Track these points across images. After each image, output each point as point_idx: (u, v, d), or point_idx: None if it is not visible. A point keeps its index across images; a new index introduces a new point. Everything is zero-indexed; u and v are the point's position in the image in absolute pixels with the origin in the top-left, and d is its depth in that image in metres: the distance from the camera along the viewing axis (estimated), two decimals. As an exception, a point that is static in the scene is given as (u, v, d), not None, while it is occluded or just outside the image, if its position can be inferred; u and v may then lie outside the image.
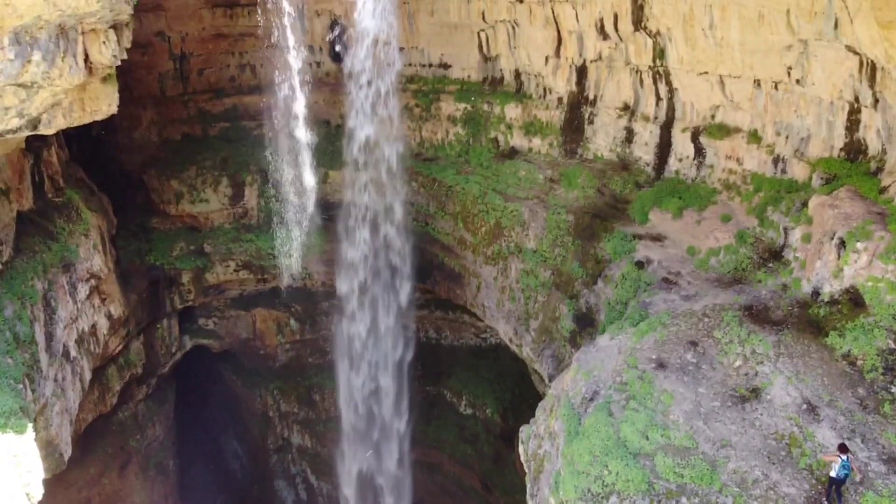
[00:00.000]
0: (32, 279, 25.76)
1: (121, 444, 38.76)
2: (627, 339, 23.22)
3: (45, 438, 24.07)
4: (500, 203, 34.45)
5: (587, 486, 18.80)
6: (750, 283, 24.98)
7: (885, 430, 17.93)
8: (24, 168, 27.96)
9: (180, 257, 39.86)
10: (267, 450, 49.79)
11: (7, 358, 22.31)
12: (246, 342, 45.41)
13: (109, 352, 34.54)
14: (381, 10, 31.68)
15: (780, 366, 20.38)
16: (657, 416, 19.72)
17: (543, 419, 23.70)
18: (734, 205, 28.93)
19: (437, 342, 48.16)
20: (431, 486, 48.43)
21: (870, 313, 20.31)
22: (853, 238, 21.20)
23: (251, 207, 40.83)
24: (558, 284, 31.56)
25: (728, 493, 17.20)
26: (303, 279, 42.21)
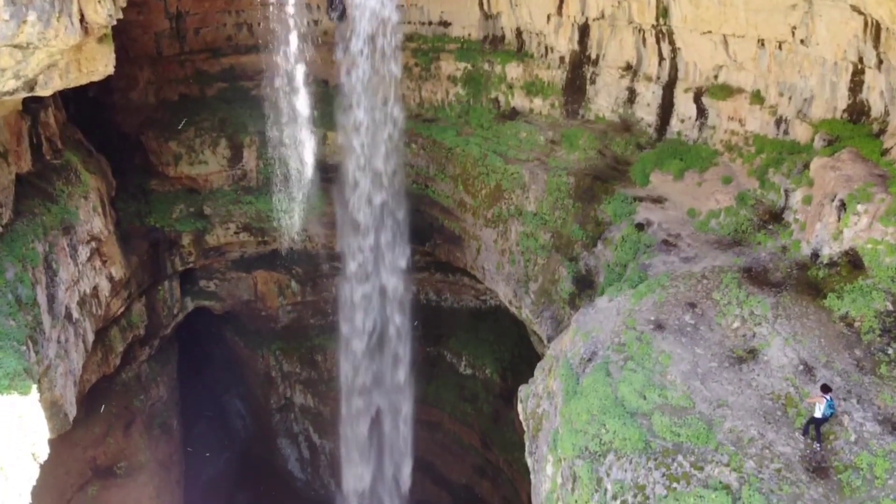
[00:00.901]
0: (33, 242, 25.77)
1: (125, 404, 39.23)
2: (626, 301, 23.35)
3: (49, 399, 24.35)
4: (500, 165, 34.28)
5: (585, 444, 19.10)
6: (750, 245, 25.02)
7: (881, 391, 18.14)
8: (21, 130, 27.77)
9: (180, 219, 39.80)
10: (269, 409, 50.43)
11: (9, 320, 22.43)
12: (247, 304, 45.64)
13: (111, 313, 34.74)
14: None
15: (778, 327, 20.54)
16: (655, 377, 19.94)
17: (542, 379, 23.97)
18: (735, 166, 28.82)
19: (437, 304, 48.42)
20: (432, 444, 49.19)
21: (869, 275, 20.40)
22: (854, 200, 21.17)
23: (250, 169, 40.62)
24: (558, 247, 31.60)
25: (724, 451, 17.47)
26: (303, 241, 42.22)
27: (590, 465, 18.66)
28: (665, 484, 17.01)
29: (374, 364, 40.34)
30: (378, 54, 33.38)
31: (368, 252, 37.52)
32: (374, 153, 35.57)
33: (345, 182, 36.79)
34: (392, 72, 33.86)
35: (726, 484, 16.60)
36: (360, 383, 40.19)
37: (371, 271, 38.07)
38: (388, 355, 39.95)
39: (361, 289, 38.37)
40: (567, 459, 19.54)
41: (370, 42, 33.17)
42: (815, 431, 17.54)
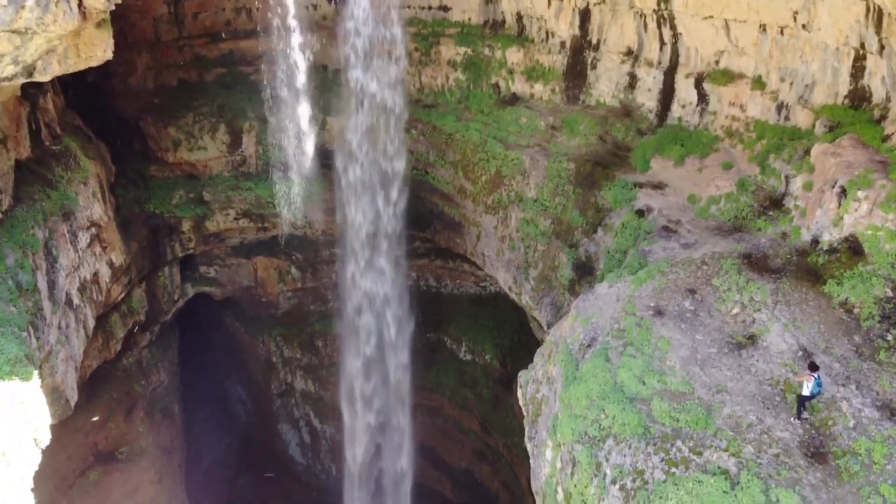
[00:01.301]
0: (33, 228, 25.75)
1: (126, 389, 39.37)
2: (626, 287, 23.38)
3: (50, 385, 24.44)
4: (500, 151, 34.19)
5: (584, 429, 19.20)
6: (750, 232, 25.01)
7: (880, 377, 18.21)
8: (20, 116, 27.68)
9: (180, 205, 39.75)
10: (270, 394, 50.63)
11: (10, 306, 22.45)
12: (248, 290, 45.69)
13: (112, 299, 34.79)
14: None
15: (778, 313, 20.58)
16: (654, 362, 20.00)
17: (542, 364, 24.05)
18: (736, 152, 28.76)
19: (437, 290, 48.48)
20: (432, 429, 49.46)
21: (868, 262, 20.42)
22: (854, 186, 21.15)
23: (249, 155, 40.50)
24: (558, 233, 31.59)
25: (723, 436, 17.56)
26: (303, 227, 42.19)
27: (589, 450, 18.76)
28: (664, 469, 17.11)
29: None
30: (378, 39, 33.23)
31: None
32: (373, 139, 35.47)
33: (344, 168, 36.71)
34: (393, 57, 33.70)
35: (725, 469, 16.70)
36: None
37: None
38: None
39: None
40: (566, 444, 19.64)
41: (369, 25, 33.00)
42: (799, 407, 17.91)
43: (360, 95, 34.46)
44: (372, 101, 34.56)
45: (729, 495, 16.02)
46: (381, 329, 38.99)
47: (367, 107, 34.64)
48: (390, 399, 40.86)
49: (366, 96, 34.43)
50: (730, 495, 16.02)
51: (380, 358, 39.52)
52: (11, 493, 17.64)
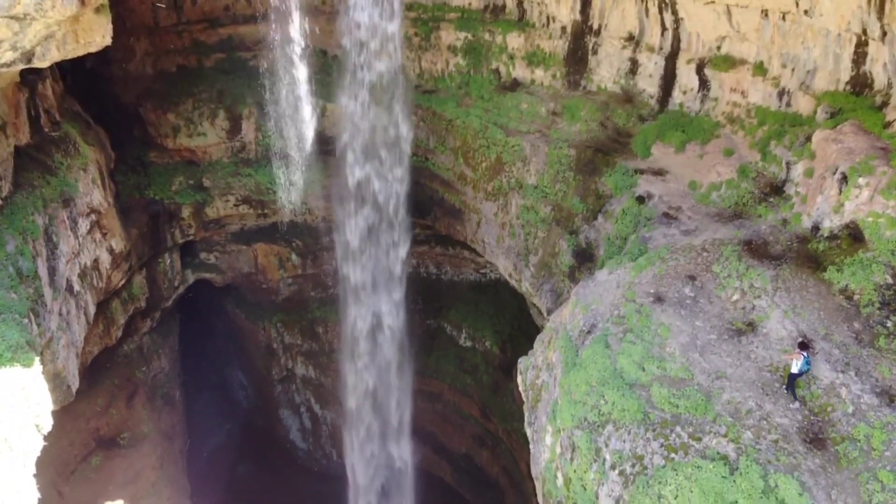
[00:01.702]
0: (33, 214, 25.73)
1: (127, 375, 39.51)
2: (626, 274, 23.39)
3: (52, 371, 24.51)
4: (501, 137, 34.09)
5: (584, 414, 19.27)
6: (750, 218, 24.99)
7: (879, 364, 18.25)
8: (19, 102, 27.58)
9: (180, 191, 39.71)
10: (271, 380, 50.82)
11: (11, 293, 22.48)
12: (248, 276, 45.74)
13: (112, 286, 34.84)
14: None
15: (778, 300, 20.60)
16: (654, 349, 20.05)
17: (542, 351, 24.11)
18: (737, 139, 28.68)
19: (437, 277, 48.55)
20: (432, 415, 49.67)
21: (869, 248, 20.42)
22: (855, 173, 21.11)
23: (249, 141, 40.39)
24: (558, 220, 31.56)
25: (722, 422, 17.64)
26: (303, 214, 42.16)
27: (588, 436, 18.85)
28: (663, 454, 17.20)
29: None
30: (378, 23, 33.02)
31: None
32: (373, 125, 35.35)
33: (344, 155, 36.60)
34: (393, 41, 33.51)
35: (724, 454, 16.78)
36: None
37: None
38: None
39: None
40: (566, 430, 19.72)
41: (370, 8, 32.79)
42: (789, 384, 18.23)
43: (359, 81, 34.32)
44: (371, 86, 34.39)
45: (728, 480, 16.11)
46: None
47: (367, 92, 34.48)
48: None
49: (365, 82, 34.28)
50: (729, 480, 16.11)
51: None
52: (13, 478, 17.72)
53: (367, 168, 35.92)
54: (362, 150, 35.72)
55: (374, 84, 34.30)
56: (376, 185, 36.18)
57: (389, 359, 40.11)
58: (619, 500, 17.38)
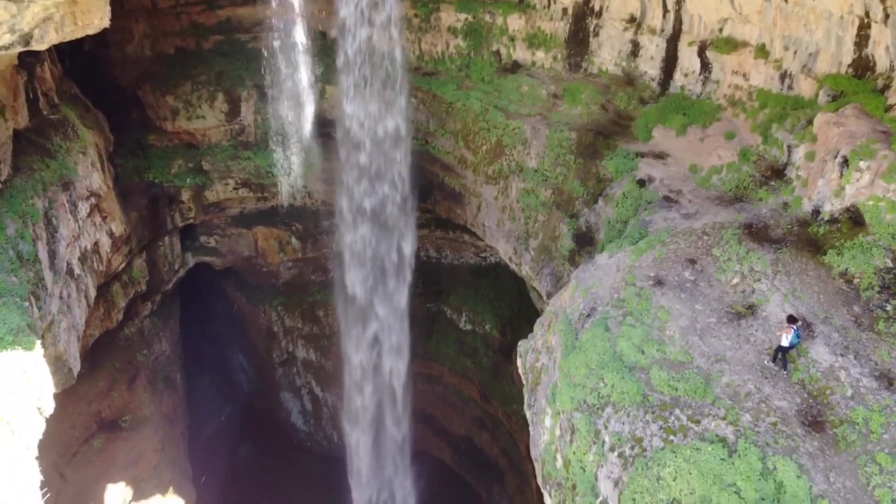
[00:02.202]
0: (32, 197, 25.69)
1: (128, 358, 39.65)
2: (626, 257, 23.39)
3: (53, 354, 24.57)
4: (501, 120, 33.96)
5: (583, 397, 19.35)
6: (751, 202, 24.95)
7: (879, 348, 18.30)
8: (17, 85, 27.45)
9: (179, 175, 39.64)
10: (272, 363, 50.99)
11: (11, 276, 22.48)
12: (248, 260, 45.76)
13: (113, 269, 34.86)
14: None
15: (777, 283, 20.62)
16: (653, 332, 20.09)
17: (541, 334, 24.17)
18: (739, 122, 28.57)
19: (437, 261, 48.57)
20: (432, 397, 49.92)
21: (869, 232, 20.40)
22: (856, 157, 21.04)
23: (248, 124, 40.25)
24: (559, 203, 31.52)
25: (721, 405, 17.72)
26: (303, 197, 42.11)
27: (588, 418, 18.94)
28: (662, 436, 17.29)
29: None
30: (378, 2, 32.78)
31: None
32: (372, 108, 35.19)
33: (343, 138, 36.46)
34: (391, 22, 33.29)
35: (723, 437, 16.87)
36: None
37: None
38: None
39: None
40: (565, 412, 19.81)
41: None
42: (781, 359, 18.64)
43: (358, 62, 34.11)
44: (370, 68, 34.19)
45: (726, 462, 16.20)
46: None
47: (366, 74, 34.28)
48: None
49: (364, 64, 34.07)
50: (727, 462, 16.20)
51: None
52: (16, 461, 17.82)
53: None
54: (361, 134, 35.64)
55: (373, 65, 34.11)
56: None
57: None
58: (619, 481, 17.49)
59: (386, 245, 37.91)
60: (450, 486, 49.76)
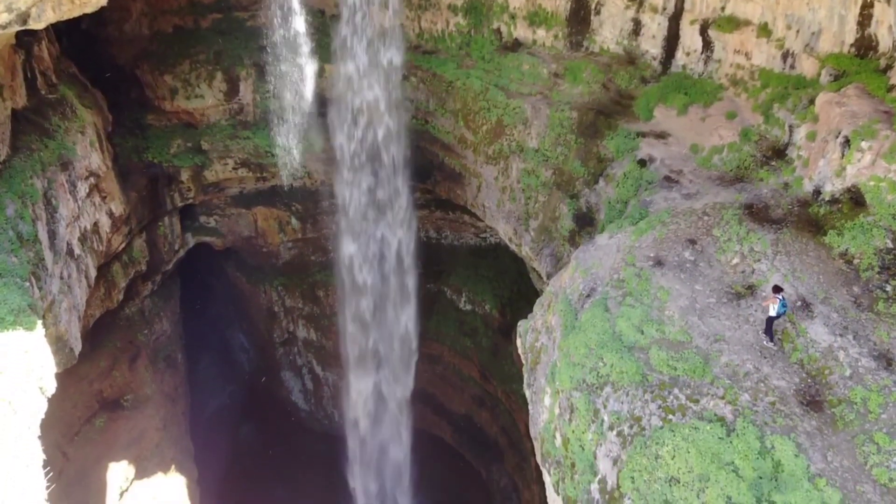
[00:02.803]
0: (32, 178, 25.63)
1: (129, 338, 39.79)
2: (626, 238, 23.39)
3: (54, 334, 24.65)
4: (502, 99, 33.75)
5: (582, 376, 19.45)
6: (752, 182, 24.90)
7: (878, 328, 18.35)
8: (15, 64, 27.27)
9: (178, 155, 39.48)
10: (273, 343, 51.19)
11: (11, 256, 22.49)
12: (248, 240, 45.76)
13: (113, 249, 34.87)
14: None
15: (777, 263, 20.64)
16: (653, 312, 20.14)
17: (541, 314, 24.23)
18: (740, 101, 28.42)
19: (437, 241, 48.56)
20: (432, 376, 50.17)
21: (870, 213, 20.37)
22: (858, 137, 20.95)
23: (247, 103, 40.03)
24: (559, 184, 31.44)
25: (719, 384, 17.81)
26: (302, 178, 41.99)
27: (587, 397, 19.05)
28: (661, 415, 17.39)
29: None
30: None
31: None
32: (371, 86, 34.99)
33: (342, 117, 36.28)
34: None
35: (721, 416, 16.97)
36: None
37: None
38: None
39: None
40: (565, 391, 19.92)
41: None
42: (767, 327, 18.91)
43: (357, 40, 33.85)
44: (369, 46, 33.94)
45: (725, 441, 16.32)
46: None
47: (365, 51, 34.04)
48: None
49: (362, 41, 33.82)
50: (725, 441, 16.31)
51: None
52: (18, 440, 17.94)
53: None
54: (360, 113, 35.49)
55: (370, 43, 33.86)
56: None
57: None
58: (617, 460, 17.63)
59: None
60: (449, 464, 50.21)
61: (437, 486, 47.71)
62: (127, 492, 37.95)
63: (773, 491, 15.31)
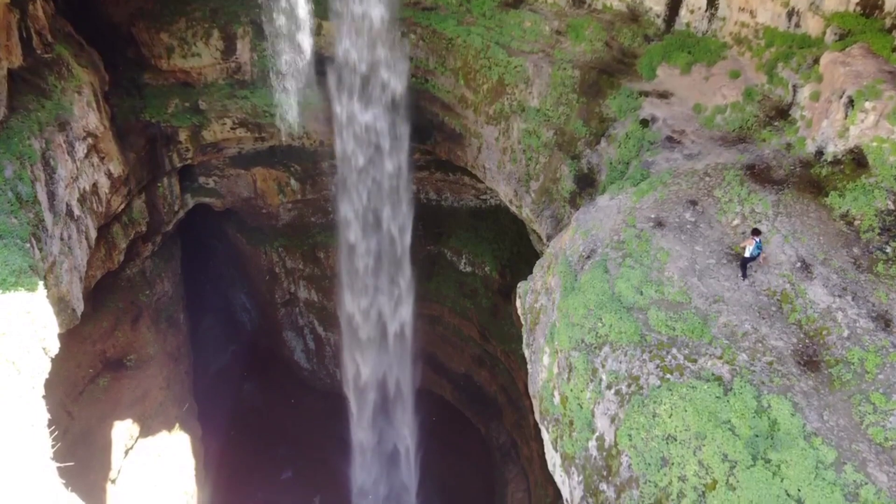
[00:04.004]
0: (29, 138, 25.44)
1: (131, 299, 39.99)
2: (627, 199, 23.32)
3: (56, 295, 24.75)
4: (503, 58, 33.29)
5: (581, 336, 19.59)
6: (754, 142, 24.73)
7: (877, 289, 18.41)
8: (10, 23, 26.82)
9: (176, 114, 39.13)
10: (275, 303, 51.47)
11: (11, 218, 22.46)
12: (248, 201, 45.65)
13: (112, 210, 34.79)
14: None
15: (778, 224, 20.62)
16: (652, 273, 20.19)
17: (541, 276, 24.30)
18: (744, 60, 28.06)
19: (437, 203, 48.46)
20: (433, 336, 50.57)
21: (872, 174, 20.29)
22: (862, 97, 20.74)
23: (244, 62, 39.51)
24: (560, 144, 31.22)
25: (717, 344, 17.94)
26: (300, 138, 41.68)
27: (585, 357, 19.21)
28: (659, 375, 17.56)
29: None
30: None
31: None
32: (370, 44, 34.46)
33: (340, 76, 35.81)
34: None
35: (718, 375, 17.14)
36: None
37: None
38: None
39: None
40: (563, 351, 20.09)
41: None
42: (742, 268, 19.87)
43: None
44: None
45: (721, 400, 16.50)
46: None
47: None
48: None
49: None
50: (722, 400, 16.50)
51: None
52: (22, 399, 18.13)
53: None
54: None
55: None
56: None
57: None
58: (615, 418, 17.85)
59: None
60: (449, 421, 50.91)
61: (437, 441, 48.44)
62: (132, 450, 38.56)
63: (769, 449, 15.53)
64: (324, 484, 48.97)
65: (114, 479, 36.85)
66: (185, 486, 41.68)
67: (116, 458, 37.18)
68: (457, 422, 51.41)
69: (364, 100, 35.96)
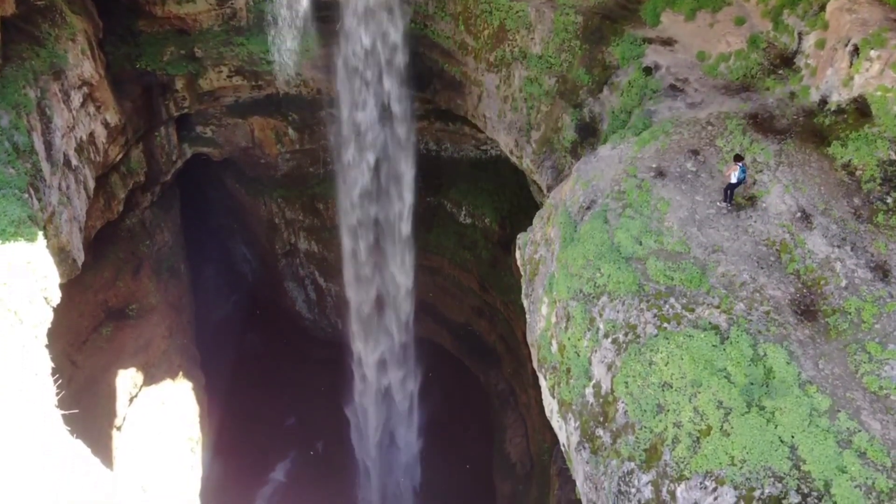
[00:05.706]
0: (24, 87, 25.15)
1: (131, 249, 40.07)
2: (629, 149, 23.15)
3: (56, 245, 24.81)
4: (504, 2, 32.48)
5: (579, 286, 19.69)
6: (758, 91, 24.42)
7: (876, 240, 18.43)
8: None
9: (171, 62, 38.56)
10: (275, 254, 51.60)
11: (9, 168, 22.37)
12: (246, 150, 45.32)
13: (110, 160, 34.60)
14: None
15: (779, 174, 20.52)
16: (652, 223, 20.18)
17: (540, 226, 24.29)
18: (749, 6, 27.49)
19: (437, 154, 48.08)
20: (433, 287, 50.84)
21: (875, 124, 20.10)
22: (867, 45, 20.40)
23: (240, 7, 38.70)
24: (562, 93, 30.82)
25: (715, 294, 18.04)
26: (297, 86, 41.13)
27: (583, 306, 19.34)
28: (656, 324, 17.71)
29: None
30: None
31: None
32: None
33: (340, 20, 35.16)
34: None
35: (715, 324, 17.28)
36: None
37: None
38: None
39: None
40: (562, 301, 20.22)
41: None
42: (726, 193, 20.34)
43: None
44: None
45: (718, 349, 16.68)
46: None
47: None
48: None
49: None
50: (719, 349, 16.68)
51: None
52: (25, 349, 18.34)
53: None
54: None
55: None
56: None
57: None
58: (612, 366, 18.07)
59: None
60: (449, 370, 51.58)
61: (437, 389, 49.15)
62: (136, 398, 39.15)
63: (764, 396, 15.76)
64: (327, 430, 49.91)
65: (119, 427, 37.51)
66: (189, 433, 42.46)
67: (121, 406, 37.78)
68: (456, 370, 52.08)
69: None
